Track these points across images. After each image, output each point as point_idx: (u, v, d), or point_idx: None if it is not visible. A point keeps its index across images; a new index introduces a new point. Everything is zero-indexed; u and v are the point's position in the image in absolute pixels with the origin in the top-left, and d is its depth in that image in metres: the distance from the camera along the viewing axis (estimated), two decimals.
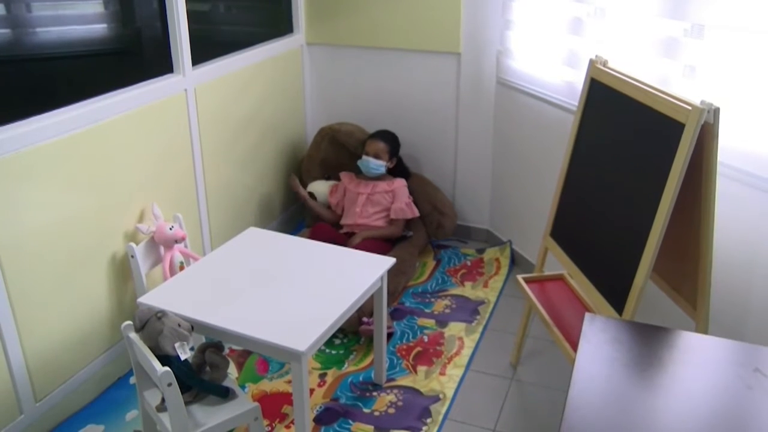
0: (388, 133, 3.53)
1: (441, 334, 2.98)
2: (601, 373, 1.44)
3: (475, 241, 3.85)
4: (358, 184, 3.46)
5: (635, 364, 1.47)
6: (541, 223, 3.14)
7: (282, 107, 3.73)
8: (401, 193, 3.41)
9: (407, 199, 3.41)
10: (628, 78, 2.12)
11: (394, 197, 3.40)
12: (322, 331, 2.05)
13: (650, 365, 1.48)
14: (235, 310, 2.16)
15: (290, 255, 2.51)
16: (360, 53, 3.76)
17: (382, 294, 2.49)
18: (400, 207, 3.38)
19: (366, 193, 3.42)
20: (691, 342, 1.58)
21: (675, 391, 1.41)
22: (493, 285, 3.37)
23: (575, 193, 2.40)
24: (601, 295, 2.12)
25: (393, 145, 3.48)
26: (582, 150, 2.39)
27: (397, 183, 3.43)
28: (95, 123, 2.46)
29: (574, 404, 1.34)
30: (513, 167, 3.51)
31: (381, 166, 3.39)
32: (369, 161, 3.39)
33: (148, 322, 1.98)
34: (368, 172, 3.42)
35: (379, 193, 3.41)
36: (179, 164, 2.95)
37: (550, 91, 3.08)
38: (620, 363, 1.47)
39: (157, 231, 2.69)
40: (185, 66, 2.89)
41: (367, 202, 3.40)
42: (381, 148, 3.42)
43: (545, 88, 3.11)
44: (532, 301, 2.44)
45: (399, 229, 3.42)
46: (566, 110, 2.93)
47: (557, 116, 3.02)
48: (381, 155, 3.41)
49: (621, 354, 1.50)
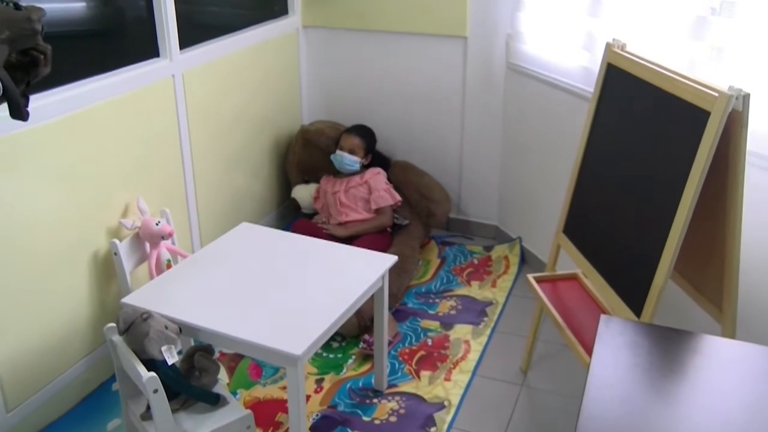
0: (364, 128, 3.57)
1: (446, 337, 2.98)
2: (618, 379, 1.43)
3: (483, 237, 3.84)
4: (333, 184, 3.51)
5: (655, 370, 1.46)
6: (553, 219, 3.13)
7: (277, 94, 3.73)
8: (377, 180, 3.44)
9: (384, 185, 3.44)
10: (648, 62, 2.11)
11: (369, 188, 3.42)
12: (319, 334, 2.05)
13: (672, 371, 1.46)
14: (226, 311, 2.15)
15: (285, 252, 2.51)
16: (359, 37, 3.76)
17: (383, 294, 2.49)
18: (378, 195, 3.41)
19: (341, 191, 3.45)
20: (718, 347, 1.57)
21: (699, 400, 1.40)
22: (501, 285, 3.37)
23: (590, 187, 2.40)
24: (617, 296, 2.12)
25: (369, 141, 3.52)
26: (597, 140, 2.38)
27: (369, 173, 3.46)
28: (74, 110, 2.45)
29: (588, 413, 1.34)
30: (523, 159, 3.50)
31: (355, 163, 3.43)
32: (343, 156, 3.44)
33: (132, 324, 1.98)
34: (342, 167, 3.46)
35: (353, 187, 3.44)
36: (166, 155, 2.94)
37: (564, 77, 3.07)
38: (639, 368, 1.46)
39: (142, 226, 2.68)
40: (172, 50, 2.89)
41: (345, 199, 3.44)
42: (356, 143, 3.45)
43: (559, 74, 3.10)
44: (544, 301, 2.44)
45: (387, 217, 3.43)
46: (581, 97, 2.92)
47: (571, 104, 3.02)
48: (356, 151, 3.45)
49: (640, 359, 1.49)
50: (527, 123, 3.41)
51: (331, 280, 2.33)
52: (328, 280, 2.33)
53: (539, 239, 3.46)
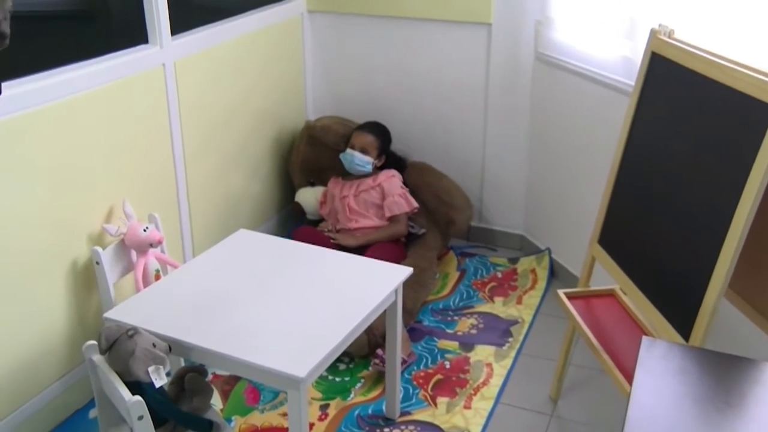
0: (379, 126, 3.56)
1: (466, 359, 2.97)
2: (663, 410, 1.42)
3: (507, 248, 3.84)
4: (342, 188, 3.50)
5: (707, 401, 1.45)
6: (587, 228, 3.11)
7: (279, 87, 3.74)
8: (391, 184, 3.42)
9: (400, 190, 3.41)
10: (700, 51, 2.10)
11: (383, 192, 3.40)
12: (324, 354, 2.05)
13: (727, 404, 1.45)
14: (222, 328, 2.15)
15: (287, 262, 2.51)
16: (371, 23, 3.76)
17: (396, 310, 2.49)
18: (392, 201, 3.39)
19: (350, 195, 3.42)
20: None
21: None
22: (528, 301, 3.36)
23: (630, 191, 2.39)
24: (661, 315, 2.11)
25: (383, 141, 3.50)
26: (639, 139, 2.37)
27: (383, 175, 3.44)
28: (51, 101, 2.45)
29: None
30: (553, 160, 3.49)
31: (367, 163, 3.41)
32: (354, 156, 3.41)
33: (116, 342, 1.97)
34: (351, 168, 3.43)
35: (364, 191, 3.42)
36: (156, 153, 2.94)
37: (600, 69, 3.07)
38: (688, 399, 1.45)
39: (128, 232, 2.69)
40: (163, 35, 2.89)
41: (354, 204, 3.41)
42: (369, 142, 3.43)
43: (595, 65, 3.10)
44: (576, 321, 2.43)
45: (402, 226, 3.42)
46: (620, 92, 2.92)
47: (609, 99, 3.01)
48: (368, 150, 3.42)
49: (689, 388, 1.48)
50: (558, 120, 3.41)
51: (338, 294, 2.33)
52: (336, 294, 2.33)
53: (571, 250, 3.45)
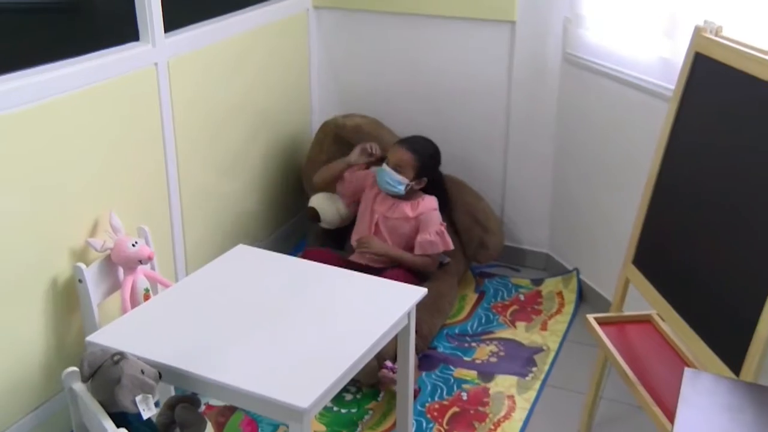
0: (422, 142, 3.35)
1: (485, 390, 2.96)
2: None
3: (531, 268, 3.83)
4: (377, 194, 3.36)
5: None
6: (621, 246, 3.10)
7: (281, 89, 3.74)
8: (430, 219, 3.26)
9: (438, 226, 3.27)
10: (752, 50, 2.08)
11: (419, 225, 3.27)
12: (330, 383, 2.05)
13: None
14: (217, 354, 2.15)
15: (290, 281, 2.51)
16: (382, 20, 3.77)
17: (408, 335, 2.49)
18: (427, 240, 3.22)
19: (381, 213, 3.32)
20: None
21: None
22: (554, 327, 3.35)
23: (670, 206, 2.38)
24: (706, 345, 2.09)
25: (425, 161, 3.27)
26: (680, 148, 2.36)
27: (423, 206, 3.28)
28: (32, 102, 2.45)
29: None
30: (582, 170, 3.49)
31: (399, 184, 3.23)
32: (385, 173, 3.24)
33: (100, 368, 1.97)
34: (382, 185, 3.28)
35: (397, 219, 3.28)
36: (146, 161, 2.95)
37: (636, 71, 3.06)
38: None
39: (115, 248, 2.68)
40: (155, 32, 2.90)
41: (383, 226, 3.31)
42: (405, 159, 3.23)
43: (629, 67, 3.10)
44: (609, 349, 2.41)
45: (434, 263, 3.32)
46: (658, 96, 2.91)
47: (645, 104, 3.01)
48: (403, 169, 3.23)
49: (740, 427, 1.46)
50: (588, 127, 3.41)
51: (345, 316, 2.33)
52: (342, 316, 2.33)
53: (602, 271, 3.44)
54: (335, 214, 3.52)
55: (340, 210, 3.53)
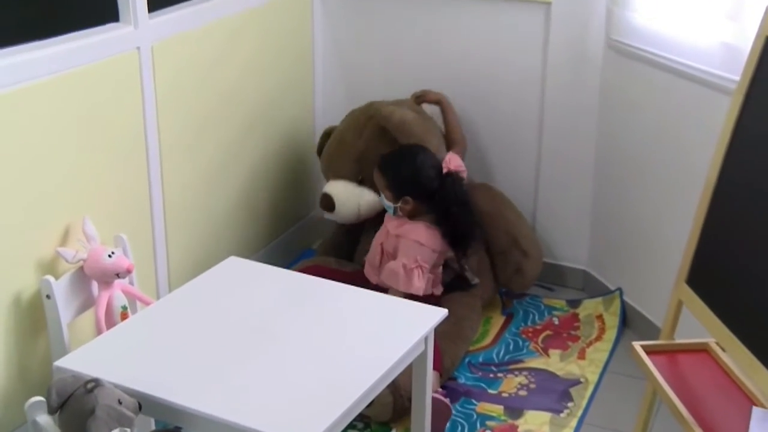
0: (396, 159, 3.31)
1: (512, 428, 2.96)
2: None
3: (567, 288, 3.85)
4: None
5: None
6: (671, 264, 3.09)
7: (280, 79, 3.76)
8: (405, 248, 3.19)
9: (413, 261, 3.17)
10: None
11: (396, 248, 3.24)
12: (335, 418, 2.04)
13: None
14: (205, 382, 2.15)
15: (289, 299, 2.52)
16: (397, 0, 3.77)
17: (426, 363, 2.48)
18: (392, 270, 3.16)
19: (386, 230, 3.33)
20: None
21: None
22: (593, 356, 3.35)
23: (731, 216, 2.36)
24: None
25: (396, 180, 3.27)
26: (745, 150, 2.34)
27: (405, 229, 3.24)
28: None
29: None
30: (627, 175, 3.49)
31: (389, 207, 3.31)
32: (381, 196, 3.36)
33: (71, 398, 1.97)
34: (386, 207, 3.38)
35: (393, 236, 3.28)
36: (126, 160, 2.96)
37: (692, 60, 3.05)
38: None
39: (88, 259, 2.69)
40: (138, 12, 2.91)
41: (387, 245, 3.31)
42: (379, 182, 3.30)
43: (684, 55, 3.08)
44: (658, 382, 2.39)
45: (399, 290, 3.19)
46: (719, 89, 2.90)
47: (703, 98, 3.00)
48: (382, 191, 3.31)
49: None
50: (634, 124, 3.40)
51: (353, 340, 2.34)
52: (350, 340, 2.34)
53: (649, 292, 3.43)
54: (353, 209, 3.51)
55: (361, 205, 3.50)
